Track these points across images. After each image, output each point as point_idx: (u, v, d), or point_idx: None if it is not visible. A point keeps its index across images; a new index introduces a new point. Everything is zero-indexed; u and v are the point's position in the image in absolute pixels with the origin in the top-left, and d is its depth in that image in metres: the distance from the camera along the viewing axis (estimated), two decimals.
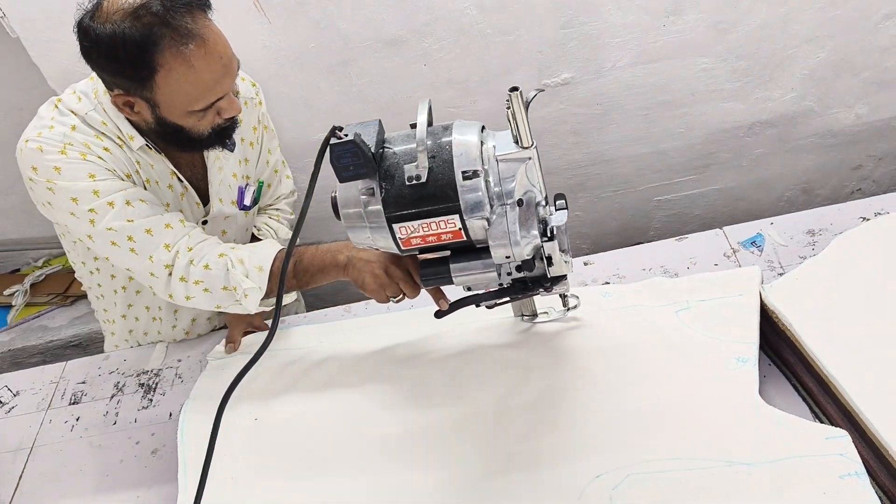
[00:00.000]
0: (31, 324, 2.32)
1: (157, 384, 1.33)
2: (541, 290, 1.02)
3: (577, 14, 1.62)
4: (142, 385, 1.34)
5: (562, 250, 0.97)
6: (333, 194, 0.96)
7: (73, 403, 1.33)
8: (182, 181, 1.26)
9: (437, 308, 1.11)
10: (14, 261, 2.51)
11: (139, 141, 1.18)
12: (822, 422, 1.00)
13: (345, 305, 1.39)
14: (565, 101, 1.78)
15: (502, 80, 1.72)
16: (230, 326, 1.36)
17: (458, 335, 1.22)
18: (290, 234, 1.49)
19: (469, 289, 1.03)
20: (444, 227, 0.92)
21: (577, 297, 1.15)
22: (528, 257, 0.97)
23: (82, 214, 1.14)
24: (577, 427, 1.03)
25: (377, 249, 1.00)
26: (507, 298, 1.05)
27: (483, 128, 0.95)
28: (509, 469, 1.00)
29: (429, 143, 0.91)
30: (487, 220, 0.92)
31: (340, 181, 0.91)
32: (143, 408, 1.29)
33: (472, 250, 0.98)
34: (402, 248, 0.95)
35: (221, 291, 1.19)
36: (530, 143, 0.91)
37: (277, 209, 1.53)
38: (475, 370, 1.15)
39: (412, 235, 0.93)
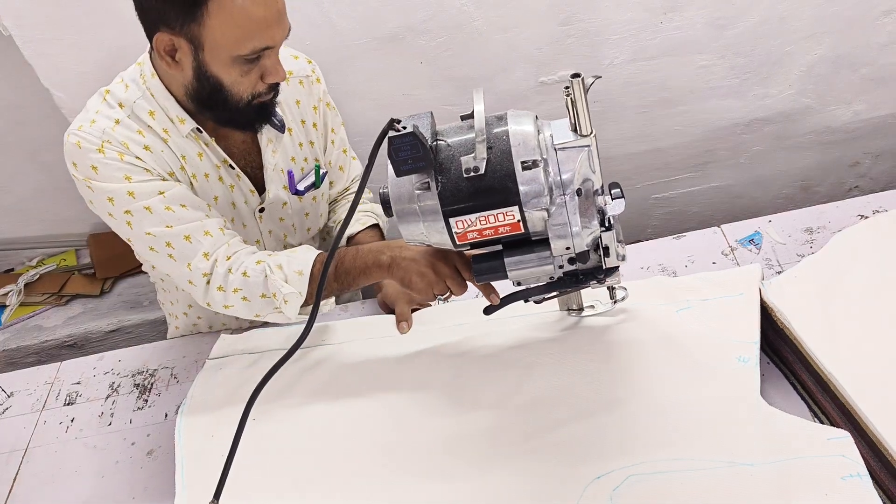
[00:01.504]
0: (26, 323, 2.31)
1: (152, 385, 1.32)
2: (594, 281, 0.99)
3: (576, 11, 1.62)
4: (137, 386, 1.33)
5: (618, 241, 0.95)
6: (384, 190, 0.93)
7: (68, 404, 1.32)
8: (234, 168, 1.24)
9: (488, 304, 1.07)
10: (8, 260, 2.49)
11: (189, 125, 1.16)
12: (821, 421, 1.00)
13: (342, 305, 1.39)
14: (563, 99, 1.77)
15: (500, 78, 1.71)
16: (396, 304, 1.29)
17: (458, 335, 1.21)
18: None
19: (519, 283, 1.00)
20: (502, 220, 0.90)
21: (626, 289, 1.12)
22: (587, 248, 0.94)
23: (119, 216, 1.13)
24: (577, 427, 1.02)
25: (426, 245, 0.97)
26: (557, 292, 1.02)
27: (536, 117, 0.93)
28: (509, 470, 1.00)
29: None
30: (547, 211, 0.89)
31: (397, 175, 0.89)
32: (139, 408, 1.28)
33: (525, 243, 0.95)
34: (458, 242, 0.93)
35: (260, 299, 1.17)
36: (590, 130, 0.89)
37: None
38: (475, 371, 1.14)
39: (469, 229, 0.91)
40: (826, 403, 0.99)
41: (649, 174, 1.98)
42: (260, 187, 1.29)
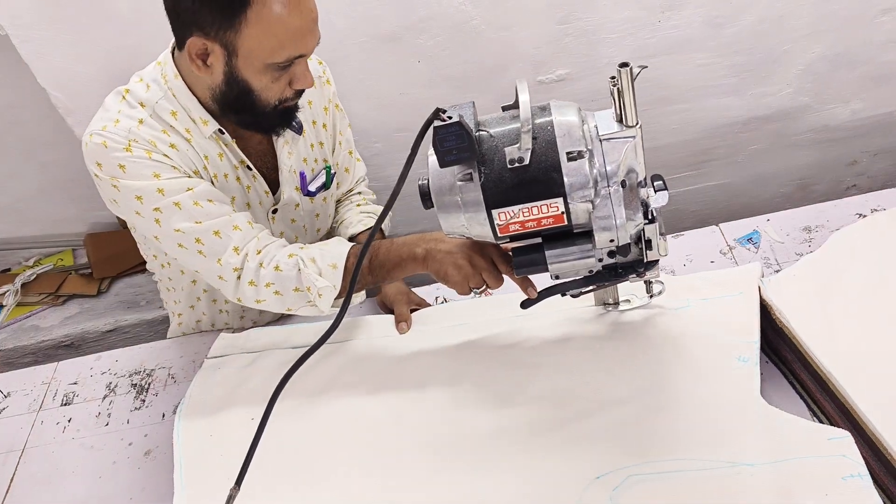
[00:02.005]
0: (23, 324, 2.30)
1: (149, 385, 1.32)
2: (633, 275, 0.97)
3: (574, 10, 1.61)
4: (134, 386, 1.32)
5: (660, 234, 0.94)
6: (423, 181, 0.92)
7: (65, 404, 1.32)
8: (251, 169, 1.24)
9: (525, 297, 1.06)
10: (5, 260, 2.49)
11: (212, 126, 1.16)
12: (820, 420, 1.00)
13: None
14: (561, 98, 1.76)
15: (498, 77, 1.71)
16: (396, 305, 1.31)
17: (459, 336, 1.21)
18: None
19: (557, 277, 0.99)
20: (545, 212, 0.89)
21: (663, 284, 1.10)
22: (630, 241, 0.93)
23: (148, 214, 1.12)
24: (576, 427, 1.02)
25: (465, 238, 0.96)
26: (595, 286, 1.01)
27: (579, 108, 0.92)
28: (509, 469, 0.99)
29: None
30: (591, 203, 0.88)
31: (442, 165, 0.88)
32: (136, 409, 1.28)
33: (565, 236, 0.94)
34: (499, 234, 0.92)
35: (293, 293, 1.16)
36: (636, 122, 0.88)
37: (360, 192, 1.49)
38: (474, 372, 1.14)
39: (511, 221, 0.89)
40: (825, 403, 0.99)
41: (648, 173, 1.98)
42: (273, 188, 1.29)
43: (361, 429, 1.11)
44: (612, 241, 0.91)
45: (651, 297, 1.12)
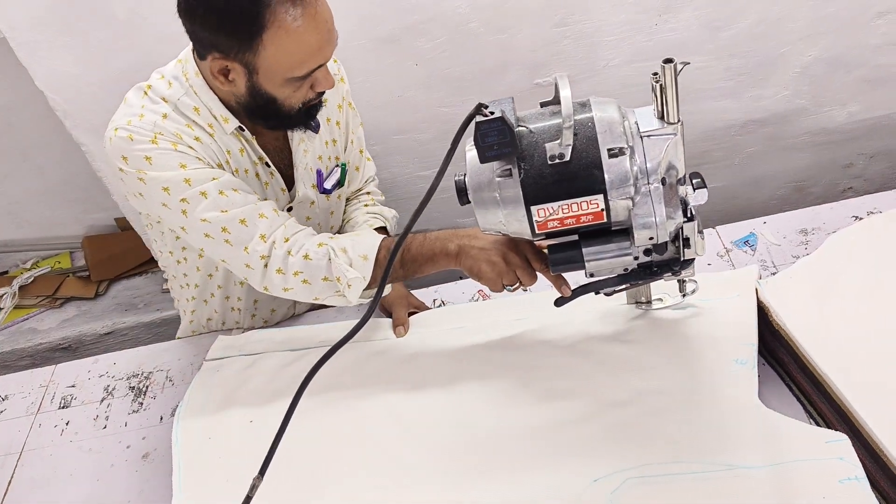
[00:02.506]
0: (20, 326, 2.30)
1: (147, 387, 1.32)
2: (669, 273, 0.96)
3: (571, 12, 1.62)
4: (132, 388, 1.32)
5: (698, 231, 0.93)
6: (459, 177, 0.92)
7: (63, 407, 1.32)
8: (269, 166, 1.24)
9: (559, 295, 1.05)
10: (2, 263, 2.49)
11: (233, 123, 1.16)
12: (817, 423, 1.00)
13: (337, 308, 1.38)
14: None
15: (496, 79, 1.71)
16: (394, 309, 1.31)
17: (456, 338, 1.21)
18: (396, 214, 1.46)
19: (592, 274, 0.97)
20: (585, 209, 0.88)
21: (696, 283, 1.09)
22: (670, 239, 0.92)
23: (174, 205, 1.13)
24: (574, 430, 1.02)
25: (499, 234, 0.96)
26: (629, 284, 0.99)
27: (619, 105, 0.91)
28: (506, 473, 0.99)
29: None
30: (632, 200, 0.87)
31: (482, 161, 0.87)
32: (134, 411, 1.28)
33: (602, 234, 0.93)
34: (537, 231, 0.91)
35: (322, 282, 1.16)
36: (677, 118, 0.86)
37: (368, 192, 1.49)
38: (472, 375, 1.14)
39: (549, 218, 0.89)
40: (822, 406, 0.99)
41: None
42: (289, 186, 1.30)
43: (360, 431, 1.11)
44: (651, 238, 0.90)
45: (684, 295, 1.10)
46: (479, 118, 0.84)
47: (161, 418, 1.25)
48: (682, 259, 0.95)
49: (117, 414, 1.28)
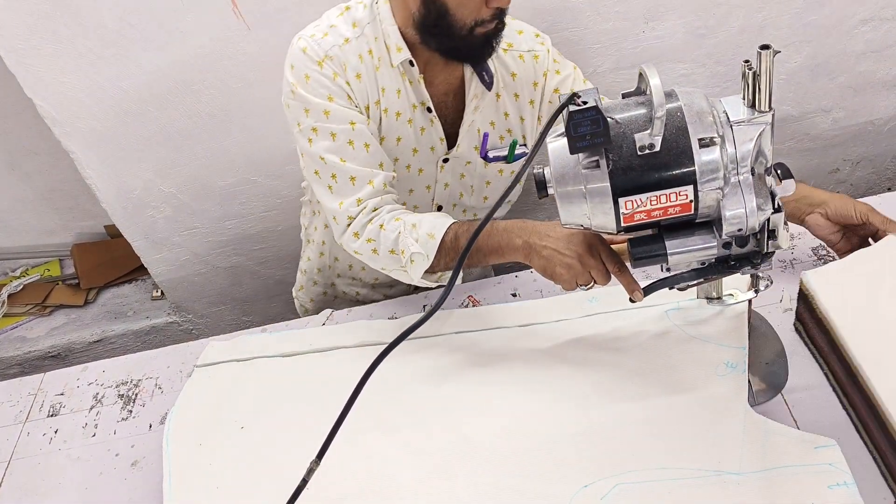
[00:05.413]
0: (9, 335, 2.29)
1: (136, 395, 1.32)
2: (748, 267, 0.93)
3: (558, 20, 1.63)
4: (121, 396, 1.32)
5: (784, 223, 0.89)
6: (539, 169, 0.90)
7: (52, 415, 1.31)
8: (431, 112, 1.25)
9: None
10: None
11: (405, 54, 1.19)
12: (847, 413, 0.99)
13: (326, 310, 1.38)
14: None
15: None
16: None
17: (450, 345, 1.21)
18: None
19: (668, 269, 0.95)
20: (674, 200, 0.85)
21: (770, 279, 1.04)
22: (757, 230, 0.89)
23: (306, 129, 1.19)
24: (563, 436, 1.02)
25: (568, 229, 0.95)
26: (703, 279, 0.96)
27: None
28: (496, 480, 0.99)
29: None
30: (721, 190, 0.85)
31: (572, 152, 0.84)
32: (123, 419, 1.28)
33: (684, 226, 0.90)
34: (623, 224, 0.88)
35: (388, 255, 1.18)
36: (769, 107, 0.84)
37: None
38: (465, 380, 1.14)
39: (637, 210, 0.86)
40: (854, 397, 0.97)
41: None
42: (450, 140, 1.31)
43: (350, 439, 1.11)
44: (739, 230, 0.87)
45: (757, 292, 1.05)
46: (572, 108, 0.82)
47: (150, 426, 1.25)
48: (763, 252, 0.92)
49: (106, 422, 1.28)
